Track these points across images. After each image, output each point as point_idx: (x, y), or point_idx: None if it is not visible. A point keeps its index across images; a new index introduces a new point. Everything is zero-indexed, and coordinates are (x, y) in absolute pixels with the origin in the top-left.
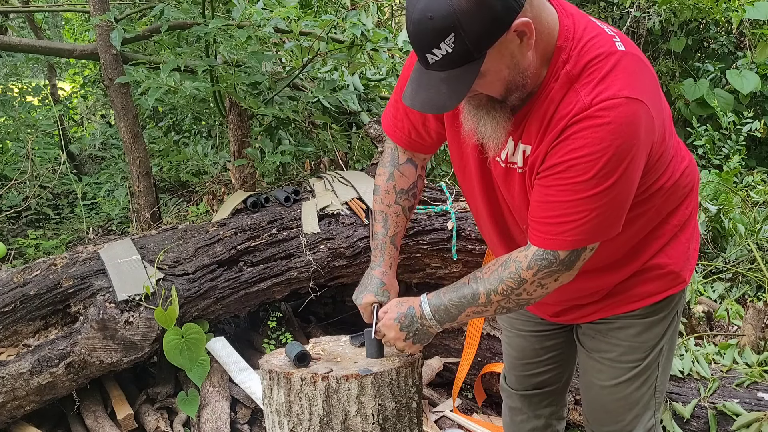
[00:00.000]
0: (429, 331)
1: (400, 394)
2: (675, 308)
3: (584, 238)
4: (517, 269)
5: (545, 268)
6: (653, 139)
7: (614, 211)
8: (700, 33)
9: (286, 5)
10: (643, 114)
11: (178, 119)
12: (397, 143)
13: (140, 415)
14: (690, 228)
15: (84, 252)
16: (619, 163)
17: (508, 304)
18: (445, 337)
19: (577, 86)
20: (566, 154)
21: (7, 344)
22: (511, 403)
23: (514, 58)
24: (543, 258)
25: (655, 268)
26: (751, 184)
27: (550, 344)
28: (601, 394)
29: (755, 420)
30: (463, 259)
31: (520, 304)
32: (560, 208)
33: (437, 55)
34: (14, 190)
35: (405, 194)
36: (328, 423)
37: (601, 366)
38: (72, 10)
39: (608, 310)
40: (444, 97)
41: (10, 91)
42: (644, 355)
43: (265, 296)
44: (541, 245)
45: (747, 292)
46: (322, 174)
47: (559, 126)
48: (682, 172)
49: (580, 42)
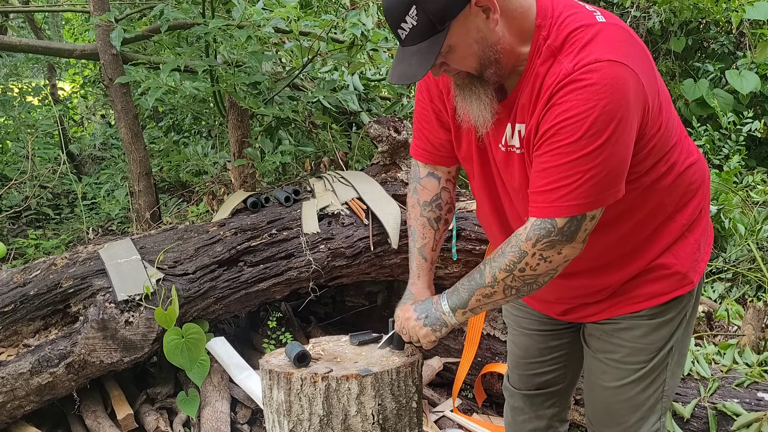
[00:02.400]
0: (442, 317)
1: (400, 394)
2: (684, 310)
3: (580, 203)
4: (517, 242)
5: (544, 238)
6: (645, 104)
7: (609, 174)
8: (700, 33)
9: (286, 5)
10: (628, 77)
11: (178, 119)
12: (415, 157)
13: (140, 415)
14: (700, 229)
15: (84, 252)
16: (608, 123)
17: (514, 283)
18: (445, 337)
19: (560, 57)
20: (554, 118)
21: (7, 344)
22: (513, 402)
23: (480, 32)
24: (540, 227)
25: (660, 268)
26: (751, 184)
27: (556, 344)
28: (604, 395)
29: (755, 420)
30: (463, 259)
31: (527, 283)
32: (554, 173)
33: (405, 30)
34: (14, 190)
35: (429, 205)
36: (328, 423)
37: (606, 367)
38: (72, 10)
39: (614, 309)
40: (414, 68)
41: (10, 91)
42: (650, 357)
43: (265, 296)
44: (538, 215)
45: (747, 292)
46: (322, 174)
47: (545, 95)
48: (689, 166)
49: (559, 18)
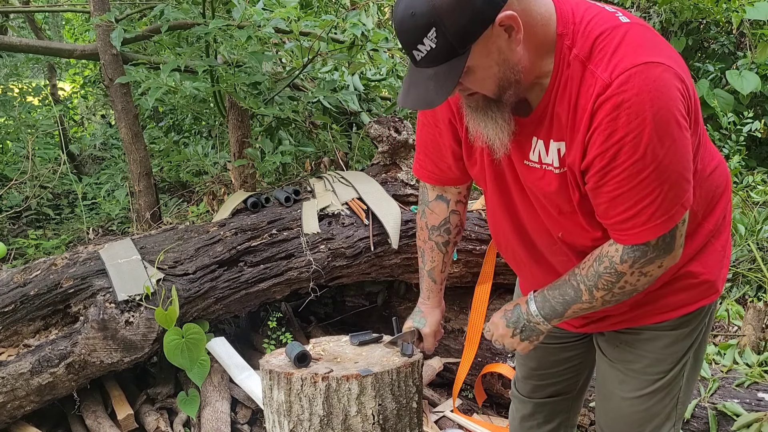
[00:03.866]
0: (537, 327)
1: (401, 395)
2: (704, 319)
3: (667, 217)
4: (612, 264)
5: (641, 259)
6: (689, 99)
7: (681, 177)
8: (700, 33)
9: (286, 5)
10: (668, 74)
11: (178, 119)
12: (421, 179)
13: (140, 415)
14: (724, 235)
15: (84, 252)
16: (665, 128)
17: (613, 298)
18: (446, 337)
19: (591, 66)
20: (606, 141)
21: (8, 344)
22: (523, 410)
23: (502, 54)
24: (635, 250)
25: (688, 276)
26: (751, 185)
27: (570, 355)
28: (621, 405)
29: (755, 420)
30: (463, 259)
31: (627, 293)
32: (629, 199)
33: (422, 51)
34: (14, 190)
35: (437, 230)
36: (328, 423)
37: (624, 377)
38: (72, 10)
39: (638, 320)
40: (432, 94)
41: (11, 91)
42: (670, 367)
43: (265, 296)
44: (630, 242)
45: (747, 292)
46: (323, 174)
47: (587, 110)
48: (713, 170)
49: (581, 24)
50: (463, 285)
